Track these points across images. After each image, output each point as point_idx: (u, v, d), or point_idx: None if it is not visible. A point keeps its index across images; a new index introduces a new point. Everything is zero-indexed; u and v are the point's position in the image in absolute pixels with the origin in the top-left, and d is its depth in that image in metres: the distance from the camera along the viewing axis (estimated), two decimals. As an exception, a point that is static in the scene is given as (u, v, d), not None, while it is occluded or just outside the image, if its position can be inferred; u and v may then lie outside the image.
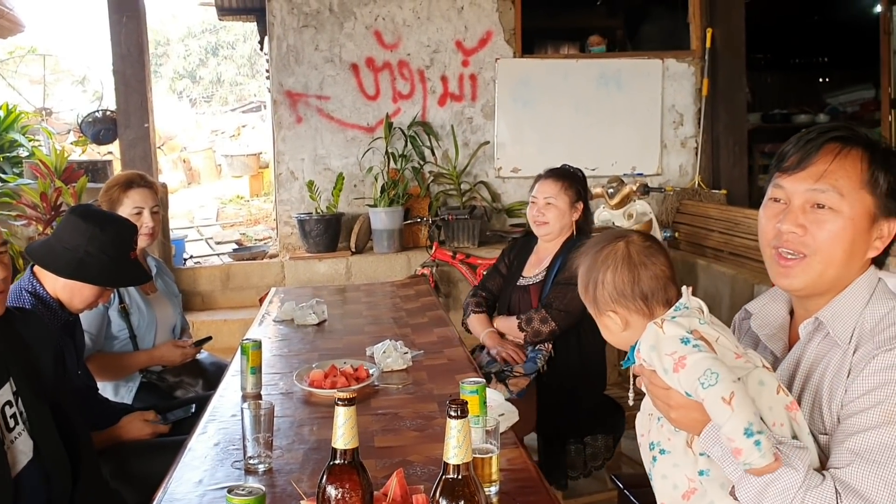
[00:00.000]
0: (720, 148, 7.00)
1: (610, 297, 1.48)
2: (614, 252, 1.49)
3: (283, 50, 6.50)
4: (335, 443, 1.26)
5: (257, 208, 10.91)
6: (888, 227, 1.47)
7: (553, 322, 2.95)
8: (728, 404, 1.25)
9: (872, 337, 1.41)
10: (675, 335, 1.35)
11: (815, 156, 1.47)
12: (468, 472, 1.20)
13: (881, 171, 1.45)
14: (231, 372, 2.68)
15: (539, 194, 3.15)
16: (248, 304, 6.31)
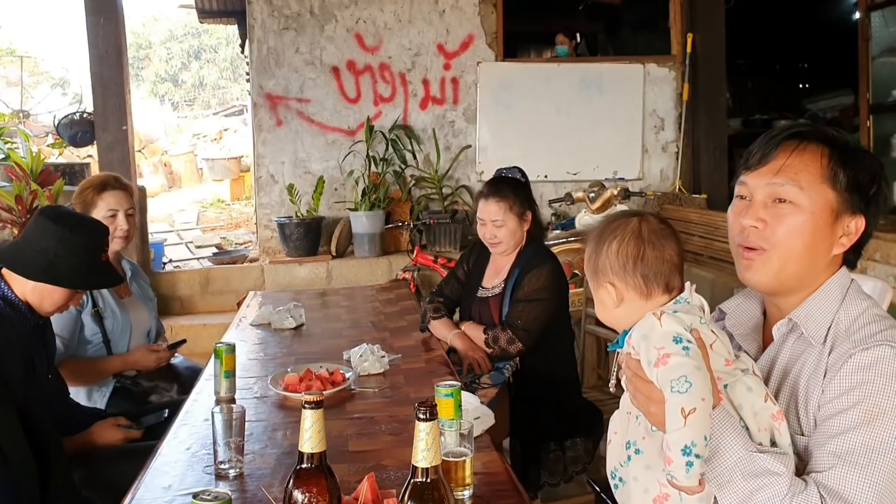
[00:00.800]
0: (701, 152, 7.02)
1: (611, 268, 1.45)
2: (626, 225, 1.46)
3: (263, 52, 6.47)
4: (302, 446, 1.24)
5: (238, 212, 10.85)
6: (854, 223, 1.47)
7: (520, 342, 2.93)
8: (683, 417, 1.24)
9: (848, 336, 1.41)
10: (670, 331, 1.33)
11: (775, 151, 1.48)
12: (437, 476, 1.18)
13: (840, 167, 1.45)
14: (205, 376, 2.65)
15: (486, 216, 3.07)
16: (228, 308, 6.25)
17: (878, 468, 1.29)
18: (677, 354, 1.29)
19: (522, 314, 2.96)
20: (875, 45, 6.74)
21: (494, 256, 3.21)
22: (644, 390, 1.37)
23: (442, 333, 3.10)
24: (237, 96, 22.82)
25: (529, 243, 3.14)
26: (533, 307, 2.96)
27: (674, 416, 1.26)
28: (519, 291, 3.01)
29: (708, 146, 7.00)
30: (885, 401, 1.32)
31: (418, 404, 1.19)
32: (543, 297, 2.97)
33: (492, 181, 3.17)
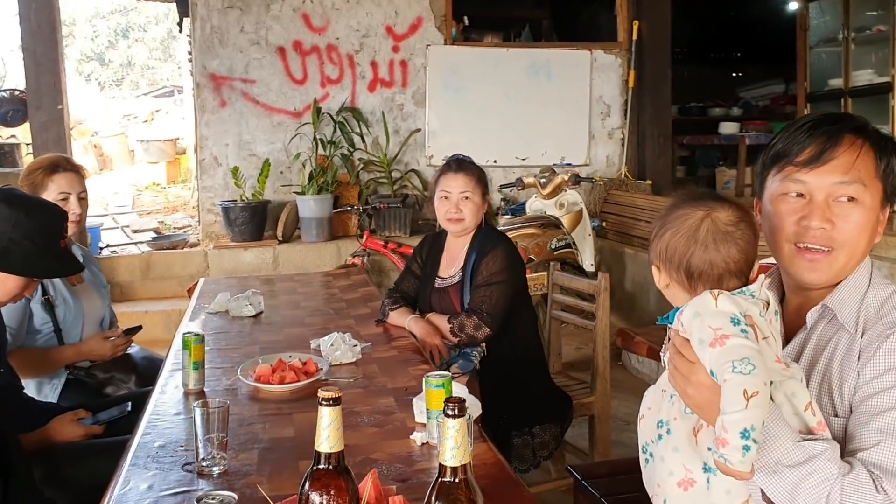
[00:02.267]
0: (646, 139, 7.10)
1: (659, 254, 1.42)
2: (688, 217, 1.40)
3: (206, 31, 6.27)
4: (319, 446, 1.17)
5: (175, 195, 10.55)
6: (888, 212, 1.50)
7: (487, 327, 2.89)
8: (745, 399, 1.20)
9: (879, 319, 1.42)
10: (726, 311, 1.29)
11: (836, 148, 1.45)
12: (466, 475, 1.12)
13: (888, 161, 1.47)
14: (169, 367, 2.54)
15: (453, 189, 2.99)
16: (170, 294, 6.08)
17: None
18: (736, 336, 1.26)
19: (485, 299, 2.92)
20: (813, 35, 6.89)
21: (449, 244, 3.16)
22: (684, 369, 1.34)
23: (399, 321, 3.04)
24: (168, 77, 22.19)
25: (482, 227, 3.10)
26: (494, 290, 2.92)
27: (735, 396, 1.21)
28: (478, 277, 2.97)
29: (653, 133, 7.09)
30: None
31: (446, 400, 1.14)
32: (503, 279, 2.93)
33: (454, 158, 3.11)
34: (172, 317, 5.71)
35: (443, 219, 3.05)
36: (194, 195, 9.03)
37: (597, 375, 3.10)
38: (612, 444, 3.29)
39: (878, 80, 5.95)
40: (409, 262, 3.31)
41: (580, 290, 3.25)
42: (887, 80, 5.75)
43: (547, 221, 5.00)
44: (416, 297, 3.19)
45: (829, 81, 6.63)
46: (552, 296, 3.39)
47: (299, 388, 2.28)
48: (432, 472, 1.73)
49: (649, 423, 1.49)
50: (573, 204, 5.50)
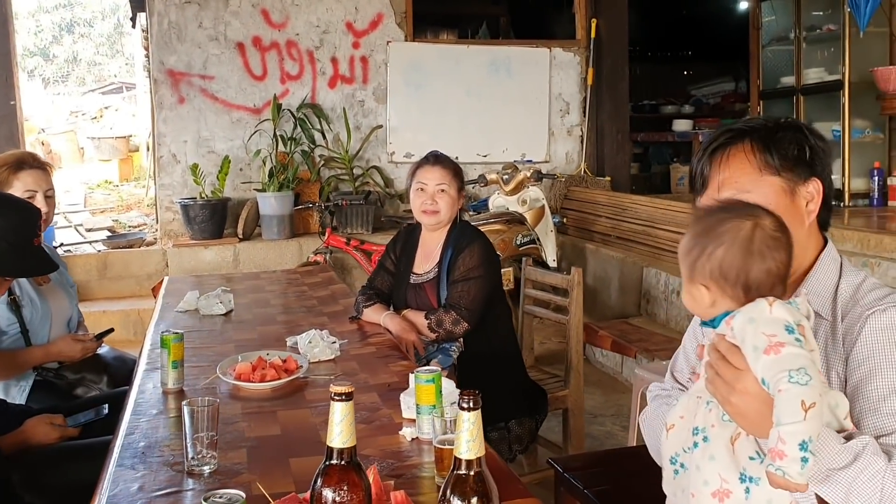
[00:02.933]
0: (604, 136, 7.18)
1: (710, 273, 1.36)
2: (738, 229, 1.36)
3: (164, 27, 6.17)
4: (331, 441, 1.17)
5: (129, 193, 10.36)
6: (812, 187, 1.52)
7: (465, 322, 2.90)
8: (804, 410, 1.19)
9: (856, 303, 1.46)
10: (781, 318, 1.27)
11: (708, 170, 1.54)
12: (481, 468, 1.13)
13: (767, 152, 1.50)
14: (144, 366, 2.50)
15: (430, 181, 3.01)
16: (129, 294, 5.98)
17: None
18: (791, 345, 1.24)
19: (463, 294, 2.93)
20: (765, 33, 7.03)
21: (423, 239, 3.15)
22: (729, 376, 1.31)
23: (374, 318, 3.03)
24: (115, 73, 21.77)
25: (457, 223, 3.11)
26: (471, 285, 2.93)
27: (793, 407, 1.19)
28: (455, 272, 2.98)
29: (611, 130, 7.17)
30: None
31: (461, 393, 1.14)
32: (480, 274, 2.95)
33: (432, 153, 3.12)
34: (132, 316, 5.63)
35: (418, 211, 3.05)
36: (149, 193, 8.89)
37: (570, 369, 3.14)
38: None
39: (828, 78, 6.10)
40: (382, 258, 3.30)
41: (553, 284, 3.28)
42: (838, 77, 5.90)
43: (511, 218, 5.03)
44: (391, 294, 3.18)
45: (781, 79, 6.78)
46: (525, 291, 3.42)
47: (280, 386, 2.27)
48: (424, 468, 1.73)
49: (681, 432, 1.45)
50: (535, 200, 5.54)
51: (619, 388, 4.63)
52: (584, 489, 2.24)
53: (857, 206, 5.67)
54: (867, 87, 5.56)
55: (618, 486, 2.24)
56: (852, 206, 5.65)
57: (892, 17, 5.74)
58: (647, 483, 1.67)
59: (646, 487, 1.77)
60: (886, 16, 5.71)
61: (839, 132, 5.78)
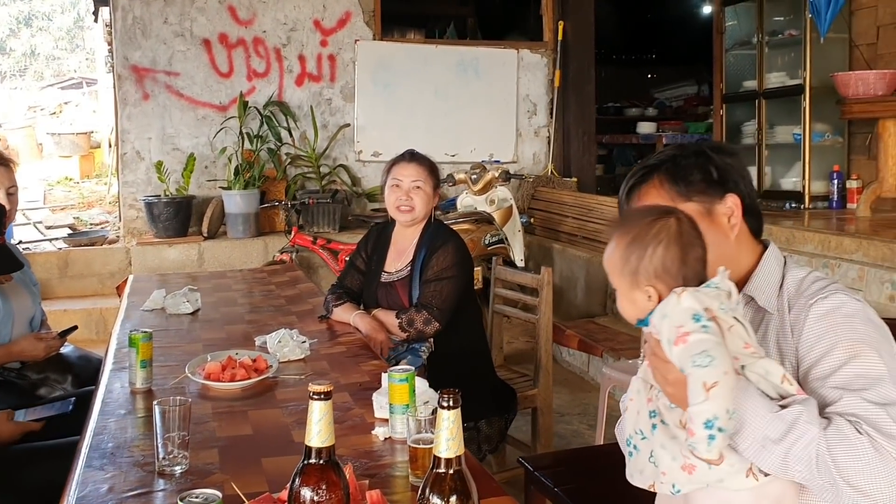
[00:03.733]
0: (571, 138, 7.23)
1: (654, 272, 1.42)
2: (667, 227, 1.44)
3: (128, 22, 6.08)
4: (310, 441, 1.16)
5: (90, 191, 10.19)
6: (729, 202, 1.58)
7: (436, 322, 2.89)
8: (705, 391, 1.26)
9: (800, 294, 1.53)
10: (689, 308, 1.34)
11: (626, 208, 1.64)
12: (460, 466, 1.14)
13: (675, 183, 1.58)
14: (111, 366, 2.47)
15: (405, 178, 2.99)
16: (91, 292, 5.90)
17: (880, 391, 1.36)
18: (696, 332, 1.31)
19: (435, 294, 2.92)
20: (728, 38, 7.12)
21: (396, 237, 3.14)
22: (661, 369, 1.39)
23: (344, 317, 3.01)
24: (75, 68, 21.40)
25: (431, 222, 3.10)
26: (444, 285, 2.92)
27: (696, 390, 1.27)
28: (428, 272, 2.96)
29: (577, 131, 7.22)
30: (857, 335, 1.42)
31: (441, 392, 1.15)
32: (453, 275, 2.94)
33: (406, 151, 3.12)
34: (94, 315, 5.55)
35: (392, 207, 3.03)
36: (112, 190, 8.76)
37: (540, 368, 3.16)
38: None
39: (790, 83, 6.19)
40: (352, 256, 3.28)
41: (523, 284, 3.29)
42: (799, 82, 6.00)
43: (480, 217, 5.04)
44: (361, 293, 3.16)
45: (743, 83, 6.87)
46: (495, 290, 3.43)
47: (250, 386, 2.26)
48: (398, 467, 1.73)
49: (632, 415, 1.53)
50: (503, 200, 5.55)
51: (585, 386, 4.67)
52: (554, 487, 2.26)
53: (816, 208, 5.77)
54: (827, 92, 5.65)
55: (587, 483, 2.26)
56: (812, 209, 5.75)
57: (851, 24, 5.85)
58: (616, 480, 1.69)
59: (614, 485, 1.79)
60: (846, 22, 5.82)
61: (800, 136, 5.88)
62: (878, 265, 4.00)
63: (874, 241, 4.13)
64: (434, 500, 1.12)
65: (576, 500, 2.17)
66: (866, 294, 3.89)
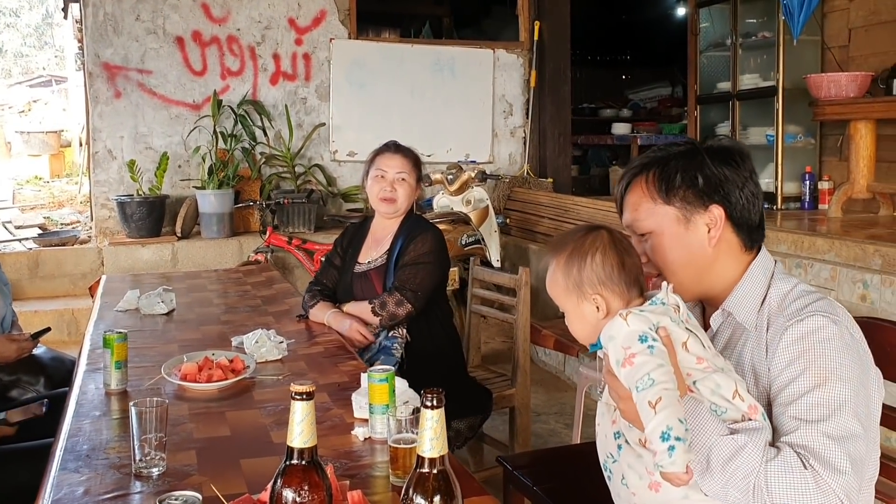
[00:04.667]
0: (546, 138, 7.24)
1: (598, 280, 1.47)
2: (601, 238, 1.50)
3: (99, 18, 6.01)
4: (292, 441, 1.15)
5: (60, 190, 10.05)
6: (709, 215, 1.56)
7: (409, 304, 2.86)
8: (652, 408, 1.29)
9: (781, 312, 1.50)
10: (635, 330, 1.36)
11: (623, 197, 1.65)
12: (444, 466, 1.13)
13: (656, 184, 1.58)
14: (85, 367, 2.43)
15: (389, 168, 2.98)
16: (62, 293, 5.82)
17: (839, 422, 1.36)
18: (642, 353, 1.33)
19: (410, 276, 2.89)
20: (702, 39, 7.17)
21: (375, 227, 3.12)
22: (615, 387, 1.42)
23: (319, 317, 2.99)
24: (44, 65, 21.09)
25: (411, 214, 3.10)
26: (420, 270, 2.90)
27: (644, 410, 1.30)
28: (405, 258, 2.94)
29: (553, 132, 7.24)
30: (827, 363, 1.40)
31: (425, 391, 1.14)
32: (430, 261, 2.92)
33: (391, 141, 3.10)
34: (66, 316, 5.48)
35: (375, 198, 3.01)
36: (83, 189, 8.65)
37: (517, 368, 3.16)
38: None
39: (763, 84, 6.25)
40: (329, 254, 3.26)
41: (500, 284, 3.29)
42: (772, 84, 6.06)
43: (456, 217, 5.04)
44: (337, 289, 3.14)
45: (717, 84, 6.93)
46: (472, 290, 3.42)
47: (227, 387, 2.24)
48: (378, 468, 1.72)
49: (600, 438, 1.57)
50: (480, 201, 5.55)
51: (561, 386, 4.68)
52: (532, 486, 2.26)
53: (789, 209, 5.83)
54: (800, 94, 5.72)
55: (565, 482, 2.26)
56: (784, 210, 5.81)
57: (824, 26, 5.92)
58: (594, 479, 1.70)
59: (592, 484, 1.80)
60: (819, 25, 5.88)
61: (773, 137, 5.94)
62: (850, 265, 4.05)
63: (846, 241, 4.18)
64: (418, 500, 1.12)
65: (554, 498, 2.17)
66: (838, 294, 3.94)
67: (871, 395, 1.45)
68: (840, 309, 1.49)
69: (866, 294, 3.87)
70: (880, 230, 4.67)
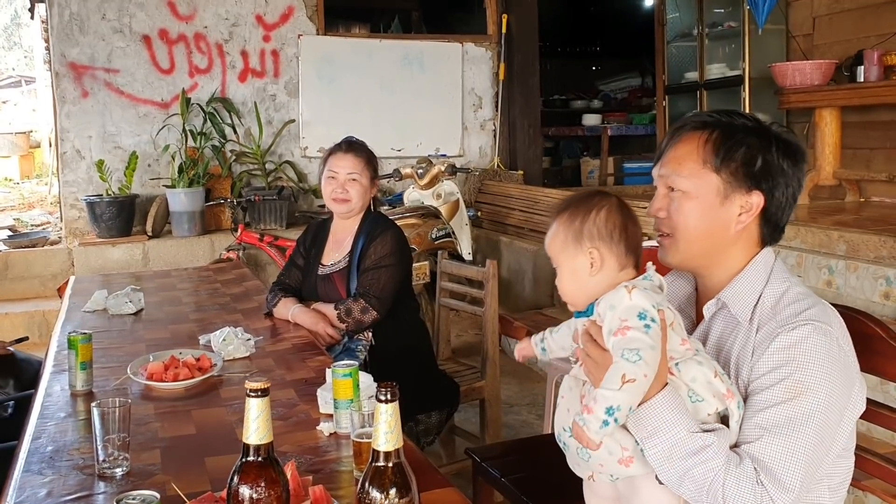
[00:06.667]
0: (516, 131, 7.27)
1: (598, 233, 1.48)
2: (609, 200, 1.51)
3: (65, 18, 5.95)
4: (247, 438, 1.16)
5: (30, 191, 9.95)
6: (748, 200, 1.52)
7: (374, 310, 2.86)
8: (622, 382, 1.33)
9: (773, 316, 1.47)
10: (636, 305, 1.37)
11: (672, 145, 1.57)
12: (399, 459, 1.15)
13: (715, 151, 1.52)
14: (51, 369, 2.42)
15: (340, 170, 2.96)
16: (32, 295, 5.77)
17: (801, 440, 1.37)
18: (637, 330, 1.35)
19: (373, 282, 2.89)
20: (669, 30, 7.24)
21: (335, 228, 3.12)
22: (597, 356, 1.42)
23: (283, 313, 2.98)
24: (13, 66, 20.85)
25: (370, 212, 3.09)
26: (382, 273, 2.90)
27: (614, 378, 1.33)
28: (366, 261, 2.94)
29: (523, 124, 7.27)
30: (808, 377, 1.39)
31: (379, 385, 1.16)
32: (391, 263, 2.92)
33: (345, 140, 3.10)
34: (36, 318, 5.43)
35: (328, 198, 3.01)
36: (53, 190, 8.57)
37: (487, 360, 3.18)
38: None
39: (730, 73, 6.33)
40: (293, 254, 3.25)
41: (469, 277, 3.31)
42: (739, 73, 6.13)
43: (427, 211, 5.05)
44: (301, 289, 3.13)
45: (685, 74, 7.00)
46: (441, 284, 3.44)
47: (194, 385, 2.24)
48: (343, 462, 1.74)
49: (562, 411, 1.57)
50: (450, 194, 5.57)
51: (533, 377, 4.71)
52: (501, 477, 2.28)
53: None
54: (766, 83, 5.79)
55: (534, 473, 2.28)
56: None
57: (788, 15, 5.99)
58: (563, 468, 1.72)
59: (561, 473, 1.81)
60: (783, 13, 5.96)
61: (740, 126, 6.00)
62: (816, 251, 4.11)
63: (811, 227, 4.24)
64: (374, 494, 1.13)
65: (523, 489, 2.19)
66: (805, 280, 4.00)
67: (849, 407, 1.45)
68: (834, 317, 1.47)
69: (832, 280, 3.93)
70: (846, 216, 4.75)
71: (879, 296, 3.69)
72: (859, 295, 3.76)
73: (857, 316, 1.69)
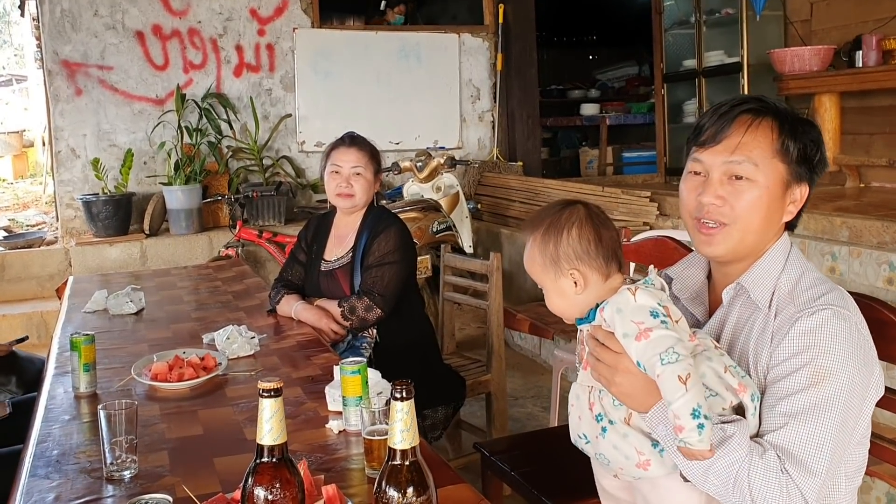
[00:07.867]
0: (515, 121, 7.24)
1: (574, 254, 1.45)
2: (577, 213, 1.48)
3: (56, 15, 5.90)
4: (261, 439, 1.13)
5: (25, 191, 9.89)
6: (800, 191, 1.52)
7: (378, 308, 2.83)
8: (682, 383, 1.28)
9: (791, 301, 1.46)
10: (645, 305, 1.36)
11: (728, 129, 1.50)
12: (416, 458, 1.12)
13: (790, 140, 1.49)
14: (53, 371, 2.39)
15: (344, 164, 2.93)
16: (30, 296, 5.73)
17: (826, 425, 1.36)
18: (658, 328, 1.33)
19: (377, 279, 2.86)
20: (667, 18, 7.19)
21: (338, 223, 3.09)
22: (610, 360, 1.39)
23: (286, 310, 2.95)
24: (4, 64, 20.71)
25: (373, 207, 3.06)
26: (386, 270, 2.87)
27: (673, 385, 1.29)
28: (369, 258, 2.90)
29: (521, 115, 7.23)
30: (830, 362, 1.38)
31: (394, 383, 1.13)
32: (395, 260, 2.89)
33: (348, 134, 3.06)
34: (34, 319, 5.40)
35: (332, 194, 2.97)
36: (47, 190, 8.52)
37: (492, 354, 3.15)
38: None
39: (728, 61, 6.29)
40: (294, 249, 3.22)
41: (472, 270, 3.28)
42: (737, 60, 6.09)
43: (427, 205, 5.01)
44: (303, 285, 3.10)
45: (683, 62, 6.96)
46: (444, 277, 3.41)
47: (199, 385, 2.21)
48: (353, 460, 1.71)
49: (574, 419, 1.57)
50: (450, 187, 5.54)
51: (538, 370, 4.69)
52: (510, 471, 2.26)
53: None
54: (765, 69, 5.75)
55: (543, 466, 2.27)
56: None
57: (785, 1, 5.95)
58: (571, 462, 1.70)
59: (570, 466, 1.80)
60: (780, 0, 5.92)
61: (739, 113, 5.98)
62: (818, 238, 4.09)
63: (813, 214, 4.22)
64: (391, 493, 1.11)
65: (532, 482, 2.18)
66: (808, 266, 3.97)
67: (868, 393, 1.44)
68: (851, 302, 1.47)
69: (835, 266, 3.91)
70: (847, 202, 4.72)
71: (883, 281, 3.67)
72: (863, 281, 3.74)
73: (871, 303, 1.67)
